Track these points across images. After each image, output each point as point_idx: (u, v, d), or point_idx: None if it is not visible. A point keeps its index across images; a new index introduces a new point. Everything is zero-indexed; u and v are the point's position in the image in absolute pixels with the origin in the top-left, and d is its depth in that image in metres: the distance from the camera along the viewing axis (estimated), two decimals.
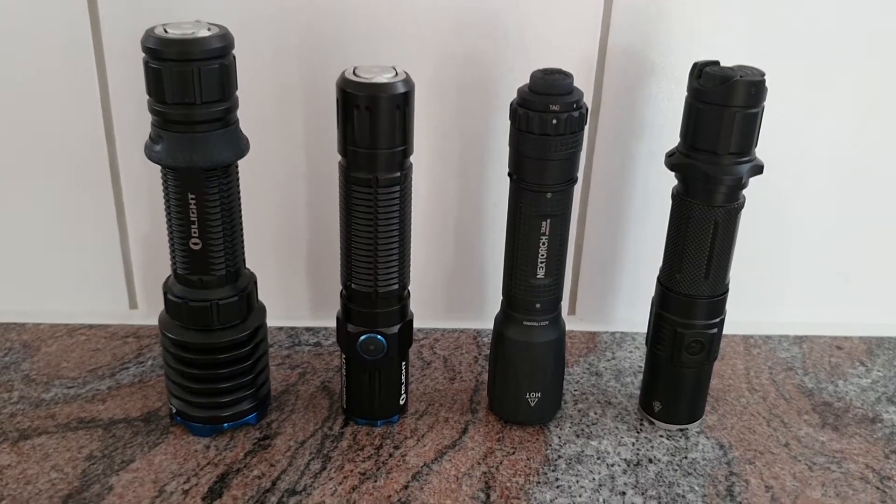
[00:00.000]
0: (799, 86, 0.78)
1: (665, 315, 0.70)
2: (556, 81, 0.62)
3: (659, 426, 0.73)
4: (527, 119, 0.62)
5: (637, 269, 0.85)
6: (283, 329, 0.85)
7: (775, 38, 0.76)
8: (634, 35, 0.75)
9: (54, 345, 0.81)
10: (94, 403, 0.74)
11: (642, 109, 0.78)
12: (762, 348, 0.85)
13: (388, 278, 0.67)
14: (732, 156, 0.63)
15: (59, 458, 0.68)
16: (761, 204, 0.80)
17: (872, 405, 0.77)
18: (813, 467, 0.70)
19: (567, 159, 0.64)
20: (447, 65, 0.76)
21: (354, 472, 0.67)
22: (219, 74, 0.60)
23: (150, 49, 0.59)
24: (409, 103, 0.62)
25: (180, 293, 0.66)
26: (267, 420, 0.73)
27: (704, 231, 0.66)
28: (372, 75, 0.61)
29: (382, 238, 0.65)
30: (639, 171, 0.80)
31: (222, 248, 0.65)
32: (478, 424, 0.73)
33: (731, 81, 0.61)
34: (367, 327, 0.68)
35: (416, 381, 0.78)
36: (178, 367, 0.69)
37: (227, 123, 0.62)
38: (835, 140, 0.80)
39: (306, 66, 0.75)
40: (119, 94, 0.76)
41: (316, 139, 0.78)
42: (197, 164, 0.61)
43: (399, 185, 0.64)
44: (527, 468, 0.68)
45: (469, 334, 0.85)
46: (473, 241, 0.83)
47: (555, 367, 0.71)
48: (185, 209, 0.63)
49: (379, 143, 0.62)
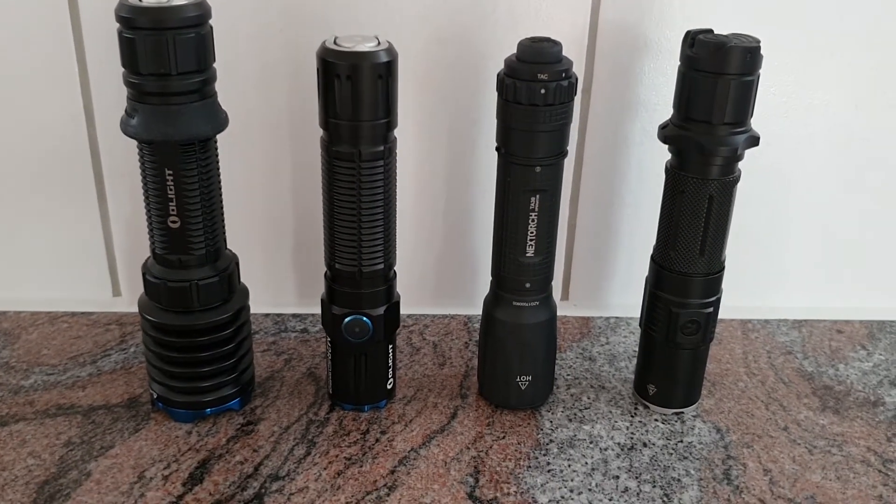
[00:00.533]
0: (796, 59, 0.76)
1: (659, 294, 0.68)
2: (544, 49, 0.60)
3: (654, 410, 0.71)
4: (514, 89, 0.60)
5: (631, 252, 0.83)
6: (269, 316, 0.83)
7: (771, 9, 0.74)
8: (626, 9, 0.74)
9: (35, 332, 0.79)
10: (73, 390, 0.72)
11: (635, 86, 0.76)
12: (760, 332, 0.83)
13: (372, 257, 0.65)
14: (727, 126, 0.61)
15: (36, 445, 0.66)
16: (759, 185, 0.79)
17: (874, 388, 0.75)
18: (813, 451, 0.68)
19: (556, 131, 0.62)
20: (434, 39, 0.74)
21: (340, 458, 0.65)
22: (195, 44, 0.58)
23: (123, 18, 0.57)
24: (393, 73, 0.60)
25: (159, 274, 0.65)
26: (251, 406, 0.71)
27: (699, 205, 0.64)
28: (353, 44, 0.59)
29: (366, 215, 0.63)
30: (632, 151, 0.79)
31: (201, 226, 0.63)
32: (467, 409, 0.71)
33: (726, 48, 0.59)
34: (351, 309, 0.66)
35: (404, 366, 0.76)
36: (158, 350, 0.67)
37: (204, 96, 0.60)
38: (834, 118, 0.78)
39: (288, 41, 0.73)
40: (98, 70, 0.74)
41: (300, 117, 0.76)
42: (173, 138, 0.59)
43: (383, 160, 0.62)
44: (517, 452, 0.66)
45: (460, 320, 0.83)
46: (463, 223, 0.81)
47: (546, 349, 0.69)
48: (163, 186, 0.62)
49: (361, 114, 0.60)
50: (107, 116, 0.76)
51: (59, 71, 0.74)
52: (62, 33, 0.73)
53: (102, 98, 0.75)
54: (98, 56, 0.74)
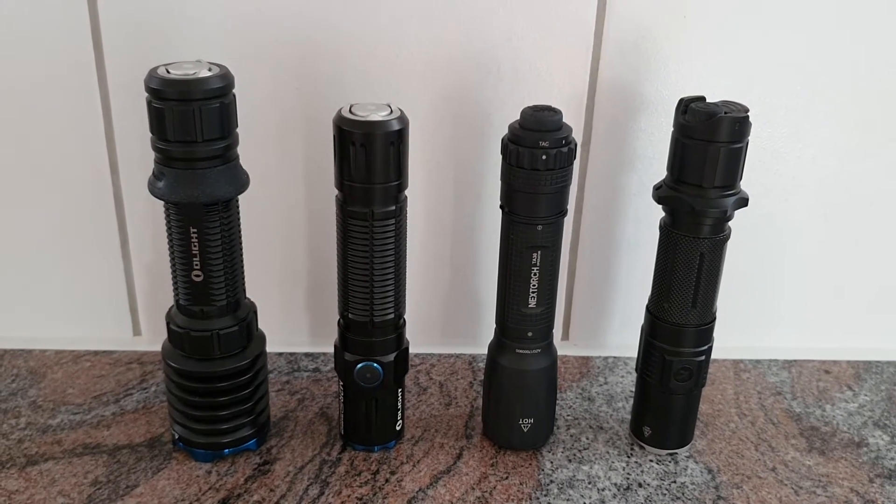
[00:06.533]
0: (786, 117, 0.80)
1: (654, 343, 0.71)
2: (545, 118, 0.64)
3: (649, 451, 0.75)
4: (517, 154, 0.64)
5: (629, 295, 0.87)
6: (282, 355, 0.87)
7: (762, 71, 0.78)
8: (625, 69, 0.78)
9: (60, 371, 0.83)
10: (99, 429, 0.75)
11: (633, 141, 0.80)
12: (752, 373, 0.86)
13: (383, 308, 0.69)
14: (718, 189, 0.65)
15: (65, 484, 0.69)
16: (751, 231, 0.83)
17: (859, 429, 0.79)
18: (799, 491, 0.71)
19: (557, 193, 0.66)
20: (442, 98, 0.78)
21: (352, 498, 0.69)
22: (219, 113, 0.62)
23: (152, 89, 0.61)
24: (404, 140, 0.64)
25: (182, 323, 0.68)
26: (267, 446, 0.74)
27: (691, 262, 0.68)
28: (367, 113, 0.63)
29: (378, 270, 0.67)
30: (630, 202, 0.82)
31: (223, 279, 0.67)
32: (472, 450, 0.75)
33: (716, 118, 0.63)
34: (363, 356, 0.70)
35: (412, 406, 0.80)
36: (180, 394, 0.71)
37: (227, 160, 0.64)
38: (822, 170, 0.82)
39: (305, 101, 0.77)
40: (123, 126, 0.78)
41: (316, 171, 0.80)
42: (198, 200, 0.63)
43: (394, 219, 0.66)
44: (519, 493, 0.70)
45: (464, 360, 0.87)
46: (469, 269, 0.85)
47: (547, 393, 0.73)
48: (187, 242, 0.65)
49: (374, 178, 0.64)
50: (131, 168, 0.80)
51: (86, 128, 0.78)
52: (89, 89, 0.77)
53: (126, 152, 0.79)
54: (122, 112, 0.78)
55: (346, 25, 0.75)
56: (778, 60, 0.78)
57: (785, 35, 0.77)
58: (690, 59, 0.77)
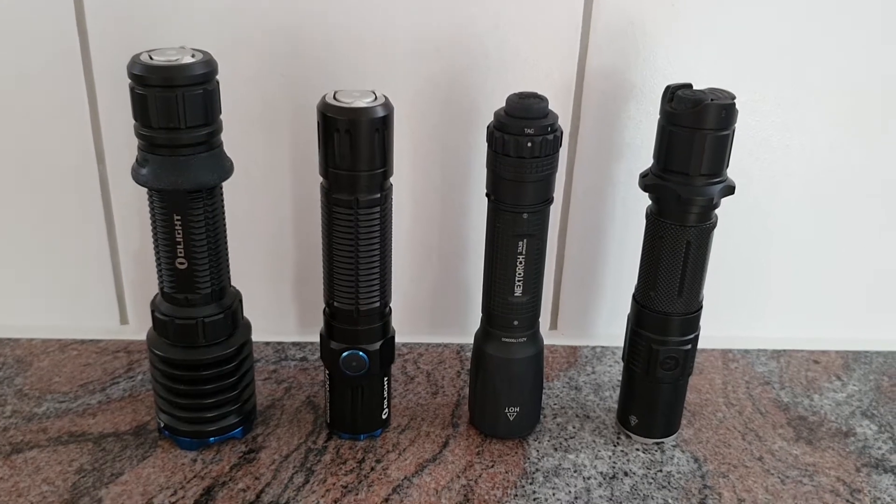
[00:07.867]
0: (775, 104, 0.80)
1: (640, 332, 0.71)
2: (530, 105, 0.64)
3: (635, 440, 0.75)
4: (503, 142, 0.64)
5: (617, 285, 0.86)
6: (269, 344, 0.86)
7: (750, 58, 0.78)
8: (613, 56, 0.77)
9: (46, 360, 0.83)
10: (84, 417, 0.75)
11: (621, 129, 0.80)
12: (740, 362, 0.86)
13: (369, 296, 0.68)
14: (704, 177, 0.65)
15: (50, 472, 0.69)
16: (739, 219, 0.83)
17: (846, 419, 0.79)
18: (785, 480, 0.71)
19: (542, 181, 0.65)
20: (429, 85, 0.78)
21: (337, 486, 0.69)
22: (202, 100, 0.62)
23: (135, 76, 0.61)
24: (389, 126, 0.63)
25: (167, 311, 0.68)
26: (252, 434, 0.74)
27: (677, 250, 0.67)
28: (352, 100, 0.63)
29: (363, 258, 0.67)
30: (618, 190, 0.82)
31: (207, 267, 0.67)
32: (458, 438, 0.75)
33: (702, 105, 0.63)
34: (349, 344, 0.70)
35: (399, 395, 0.80)
36: (165, 382, 0.70)
37: (211, 146, 0.64)
38: (810, 157, 0.82)
39: (290, 88, 0.77)
40: (108, 113, 0.78)
41: (301, 159, 0.80)
42: (182, 187, 0.63)
43: (379, 206, 0.65)
44: (505, 481, 0.70)
45: (452, 349, 0.87)
46: (456, 258, 0.85)
47: (533, 382, 0.73)
48: (171, 230, 0.65)
49: (359, 165, 0.63)
50: (116, 157, 0.80)
51: (71, 116, 0.78)
52: (75, 79, 0.77)
53: (112, 140, 0.79)
54: (108, 100, 0.77)
55: (331, 12, 0.75)
56: (766, 48, 0.77)
57: (773, 23, 0.77)
58: (678, 47, 0.77)
